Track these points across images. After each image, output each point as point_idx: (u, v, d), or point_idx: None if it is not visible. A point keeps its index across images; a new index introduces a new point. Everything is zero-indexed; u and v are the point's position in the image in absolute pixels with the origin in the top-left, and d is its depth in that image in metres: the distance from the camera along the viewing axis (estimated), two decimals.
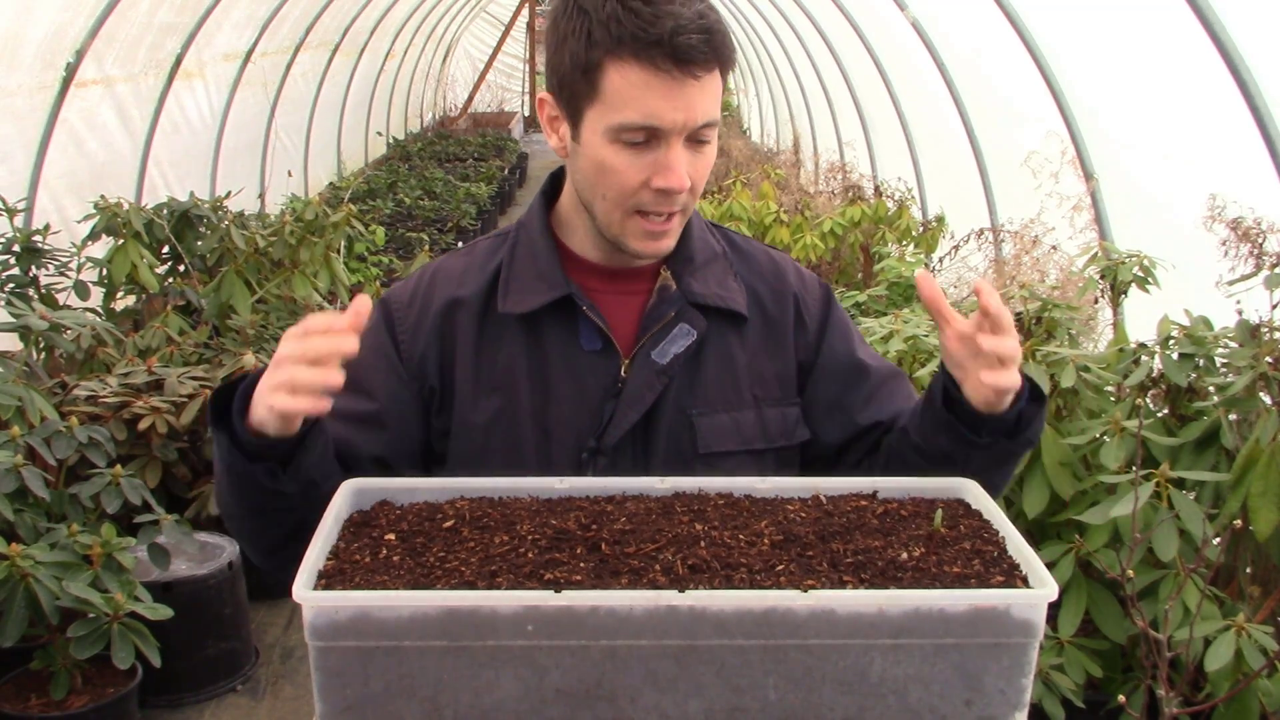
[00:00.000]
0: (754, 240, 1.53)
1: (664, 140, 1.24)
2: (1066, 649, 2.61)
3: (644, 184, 1.26)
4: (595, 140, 1.26)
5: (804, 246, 6.21)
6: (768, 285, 1.46)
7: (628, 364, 1.37)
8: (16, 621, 2.65)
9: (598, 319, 1.36)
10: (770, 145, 13.74)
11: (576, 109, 1.27)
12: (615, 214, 1.30)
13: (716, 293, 1.40)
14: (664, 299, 1.39)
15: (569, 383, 1.36)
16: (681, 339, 1.38)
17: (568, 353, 1.37)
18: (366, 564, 1.02)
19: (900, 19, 6.74)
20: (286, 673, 3.72)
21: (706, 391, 1.39)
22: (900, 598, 0.94)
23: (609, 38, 1.21)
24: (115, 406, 3.65)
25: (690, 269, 1.40)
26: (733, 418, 1.40)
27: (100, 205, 4.78)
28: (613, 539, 1.07)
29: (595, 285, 1.40)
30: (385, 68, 13.24)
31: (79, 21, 5.44)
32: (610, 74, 1.22)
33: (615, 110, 1.23)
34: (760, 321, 1.44)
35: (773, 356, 1.44)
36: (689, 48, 1.19)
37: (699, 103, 1.23)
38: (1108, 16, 4.64)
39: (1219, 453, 2.55)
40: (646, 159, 1.25)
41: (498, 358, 1.37)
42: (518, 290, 1.37)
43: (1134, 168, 4.76)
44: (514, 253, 1.41)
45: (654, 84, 1.21)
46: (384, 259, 7.81)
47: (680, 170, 1.25)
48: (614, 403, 1.36)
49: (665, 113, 1.22)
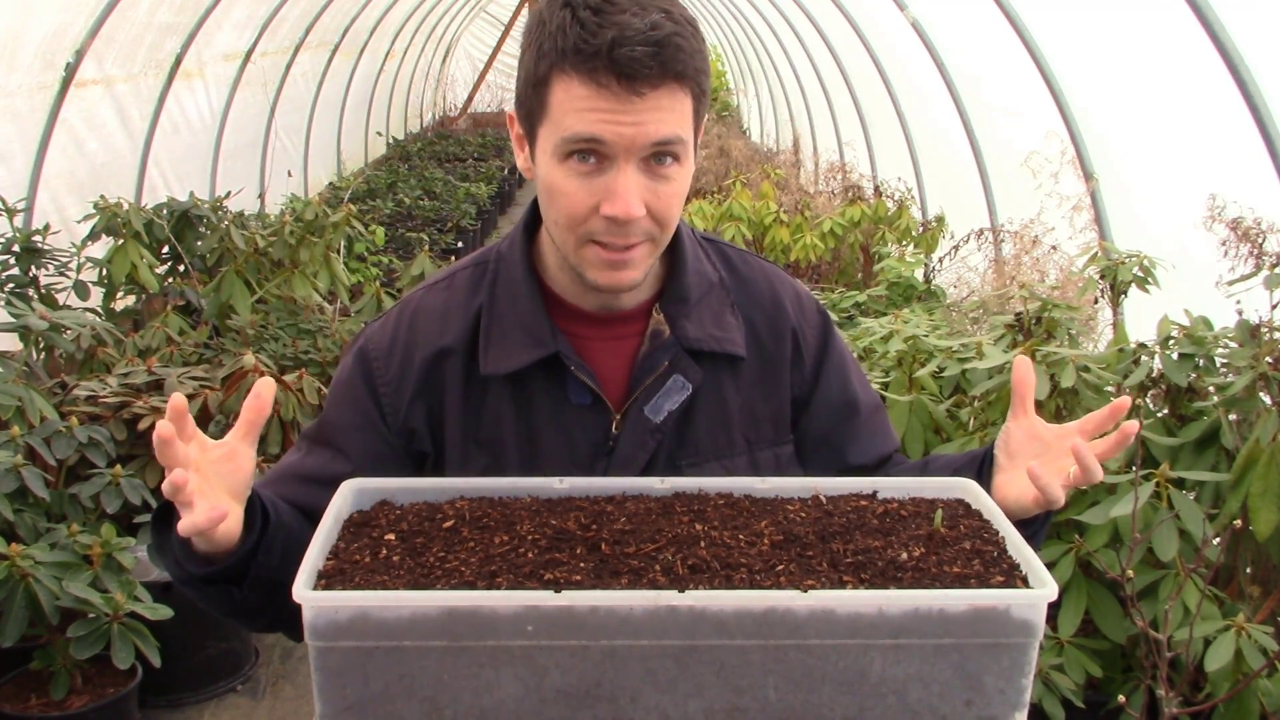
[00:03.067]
0: (751, 257, 1.45)
1: (613, 162, 1.15)
2: (1066, 649, 2.61)
3: (593, 210, 1.17)
4: (545, 160, 1.18)
5: (804, 246, 6.22)
6: (766, 316, 1.38)
7: (619, 419, 1.30)
8: (16, 621, 2.65)
9: (586, 377, 1.28)
10: (770, 145, 13.74)
11: (531, 126, 1.20)
12: (569, 242, 1.21)
13: (713, 334, 1.32)
14: (656, 346, 1.31)
15: (558, 440, 1.29)
16: (676, 393, 1.30)
17: (555, 409, 1.29)
18: (366, 564, 1.02)
19: (900, 19, 6.74)
20: (286, 673, 3.72)
21: (698, 442, 1.32)
22: (900, 598, 0.94)
23: (555, 49, 1.13)
24: (115, 406, 3.65)
25: (684, 310, 1.32)
26: (724, 466, 1.33)
27: (100, 205, 4.79)
28: (613, 539, 1.07)
29: (582, 332, 1.31)
30: (385, 68, 13.24)
31: (79, 21, 5.44)
32: (555, 88, 1.14)
33: (559, 126, 1.15)
34: (756, 358, 1.37)
35: (767, 396, 1.37)
36: (630, 60, 1.09)
37: (649, 119, 1.13)
38: (1108, 17, 4.64)
39: (1219, 453, 2.55)
40: (596, 182, 1.16)
41: (484, 413, 1.30)
42: (499, 343, 1.29)
43: (1134, 168, 4.76)
44: (494, 294, 1.32)
45: (595, 98, 1.12)
46: (384, 259, 7.80)
47: (628, 196, 1.14)
48: (605, 461, 1.29)
49: (607, 129, 1.12)
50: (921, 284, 5.72)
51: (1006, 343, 3.05)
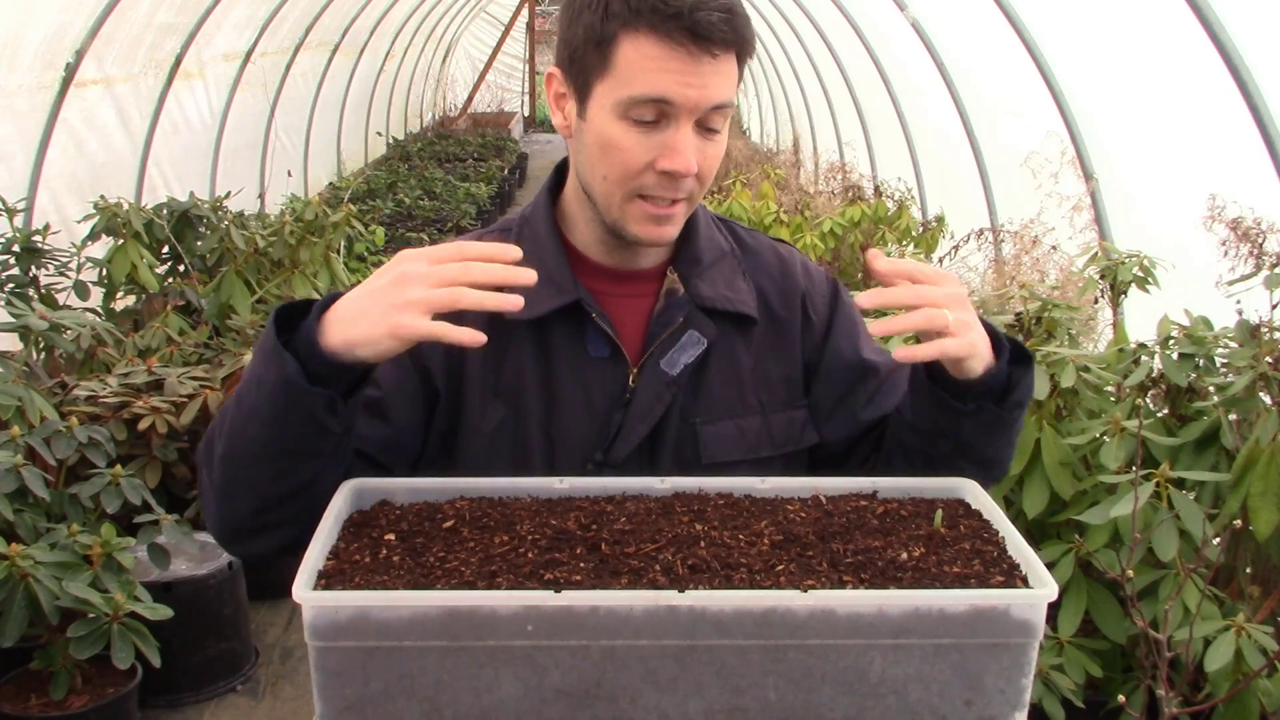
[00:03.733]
0: (759, 234, 1.49)
1: (673, 120, 1.21)
2: (1066, 649, 2.61)
3: (648, 165, 1.23)
4: (602, 116, 1.23)
5: (804, 246, 6.21)
6: (775, 284, 1.43)
7: (635, 373, 1.34)
8: (16, 621, 2.65)
9: (606, 326, 1.33)
10: (770, 145, 13.75)
11: (586, 83, 1.24)
12: (616, 196, 1.26)
13: (725, 295, 1.37)
14: (671, 303, 1.35)
15: (576, 391, 1.33)
16: (691, 348, 1.34)
17: (575, 360, 1.33)
18: (366, 564, 1.02)
19: (900, 19, 6.74)
20: (286, 673, 3.72)
21: (711, 399, 1.36)
22: (900, 598, 0.94)
23: (627, 9, 1.19)
24: (115, 406, 3.65)
25: (698, 270, 1.37)
26: (737, 425, 1.36)
27: (100, 205, 4.79)
28: (613, 539, 1.07)
29: (602, 288, 1.36)
30: (385, 68, 13.25)
31: (79, 22, 5.44)
32: (624, 46, 1.19)
33: (626, 84, 1.20)
34: (767, 323, 1.40)
35: (779, 360, 1.40)
36: (709, 24, 1.17)
37: (713, 83, 1.20)
38: (1107, 17, 4.64)
39: (1219, 453, 2.55)
40: (654, 139, 1.22)
41: (505, 363, 1.33)
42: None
43: (1134, 167, 4.77)
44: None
45: (668, 58, 1.18)
46: (384, 259, 7.79)
47: (687, 153, 1.21)
48: (621, 414, 1.32)
49: (677, 89, 1.19)
50: None
51: None
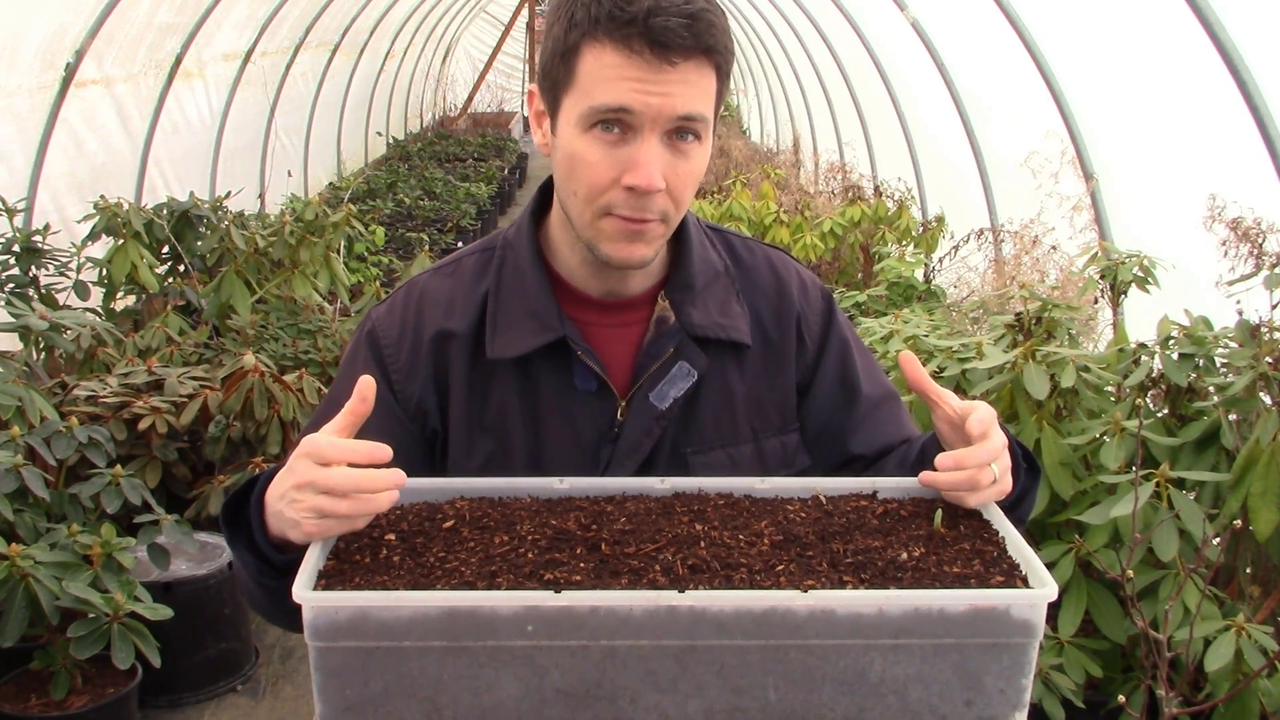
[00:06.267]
0: (755, 244, 1.45)
1: (639, 133, 1.16)
2: (1066, 649, 2.61)
3: (614, 181, 1.18)
4: (569, 130, 1.19)
5: (804, 246, 6.22)
6: (770, 304, 1.39)
7: (624, 406, 1.30)
8: (16, 621, 2.65)
9: (593, 363, 1.29)
10: (770, 145, 13.74)
11: (555, 98, 1.21)
12: (586, 214, 1.22)
13: (718, 322, 1.32)
14: (662, 332, 1.31)
15: (562, 426, 1.30)
16: (681, 380, 1.30)
17: (561, 394, 1.30)
18: (366, 564, 1.02)
19: (900, 19, 6.74)
20: (286, 673, 3.72)
21: (703, 430, 1.32)
22: (900, 598, 0.94)
23: (587, 18, 1.15)
24: (115, 406, 3.65)
25: (690, 296, 1.32)
26: (729, 454, 1.33)
27: (100, 205, 4.79)
28: (613, 539, 1.07)
29: (588, 318, 1.32)
30: (385, 68, 13.24)
31: (79, 21, 5.44)
32: (586, 56, 1.16)
33: (587, 94, 1.16)
34: (761, 347, 1.37)
35: (772, 384, 1.37)
36: (665, 29, 1.12)
37: (678, 92, 1.14)
38: (1107, 17, 4.64)
39: (1219, 453, 2.55)
40: (620, 153, 1.17)
41: (489, 399, 1.30)
42: (506, 328, 1.29)
43: (1134, 168, 4.77)
44: (500, 279, 1.32)
45: (626, 66, 1.13)
46: (384, 259, 7.81)
47: (650, 168, 1.16)
48: (610, 448, 1.29)
49: (637, 98, 1.14)
50: (921, 284, 5.71)
51: (1006, 343, 3.05)
